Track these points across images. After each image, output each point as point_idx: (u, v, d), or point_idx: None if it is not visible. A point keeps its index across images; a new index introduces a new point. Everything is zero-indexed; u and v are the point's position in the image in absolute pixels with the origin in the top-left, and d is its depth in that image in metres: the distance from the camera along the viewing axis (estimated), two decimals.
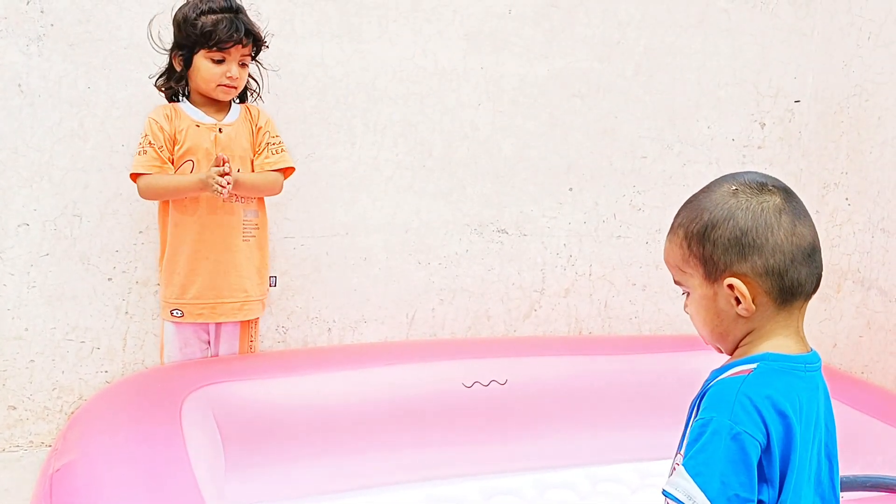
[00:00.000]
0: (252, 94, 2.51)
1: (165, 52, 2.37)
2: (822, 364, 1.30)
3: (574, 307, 3.04)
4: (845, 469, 2.16)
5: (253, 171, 2.44)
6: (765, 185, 1.27)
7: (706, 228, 1.27)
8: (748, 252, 1.23)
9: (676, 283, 1.34)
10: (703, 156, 3.08)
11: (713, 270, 1.26)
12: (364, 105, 2.75)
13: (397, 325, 2.88)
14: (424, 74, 2.79)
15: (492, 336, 2.96)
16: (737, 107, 3.10)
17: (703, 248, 1.27)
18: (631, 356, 2.74)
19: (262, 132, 2.46)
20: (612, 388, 2.66)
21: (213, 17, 2.29)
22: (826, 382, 1.34)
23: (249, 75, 2.45)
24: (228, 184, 2.22)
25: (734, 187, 1.27)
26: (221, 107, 2.43)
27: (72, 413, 2.58)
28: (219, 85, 2.34)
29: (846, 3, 2.98)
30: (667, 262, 1.35)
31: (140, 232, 2.60)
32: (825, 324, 3.03)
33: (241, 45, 2.32)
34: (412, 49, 2.77)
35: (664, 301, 3.09)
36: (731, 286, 1.24)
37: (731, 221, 1.25)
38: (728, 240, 1.25)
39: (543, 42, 2.88)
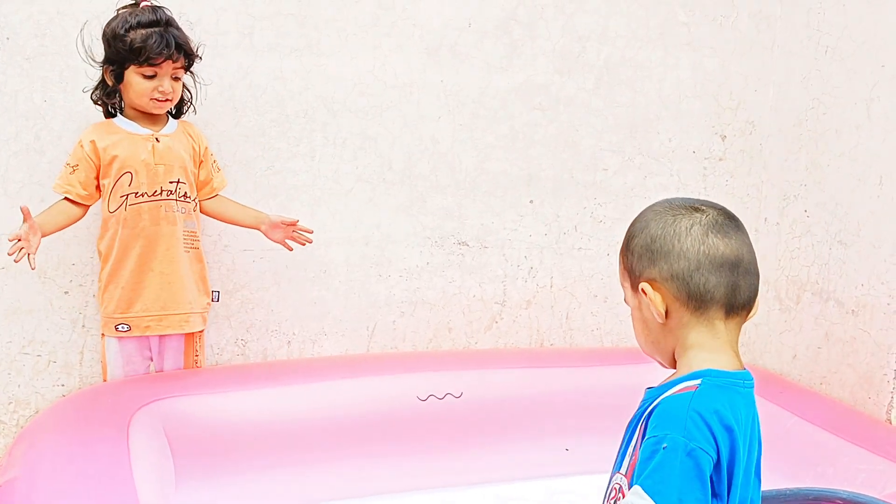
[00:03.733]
0: (186, 107, 2.50)
1: (98, 66, 2.36)
2: (782, 375, 1.34)
3: (535, 319, 3.05)
4: (795, 482, 2.18)
5: (195, 182, 2.46)
6: (689, 206, 1.33)
7: (628, 240, 1.36)
8: (656, 258, 1.30)
9: (626, 302, 1.40)
10: (664, 168, 3.10)
11: (634, 280, 1.33)
12: (324, 118, 2.76)
13: (358, 337, 2.88)
14: (384, 88, 2.80)
15: (453, 348, 2.96)
16: (698, 119, 3.12)
17: (626, 259, 1.36)
18: (590, 368, 2.76)
19: (208, 153, 2.49)
20: (570, 400, 2.67)
21: (143, 31, 2.27)
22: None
23: (184, 86, 2.44)
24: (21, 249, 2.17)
25: (660, 207, 1.35)
26: (157, 119, 2.42)
27: None
28: (151, 99, 2.33)
29: (804, 17, 3.01)
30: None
31: (95, 245, 2.59)
32: (785, 335, 3.05)
33: (172, 61, 2.30)
34: (372, 62, 2.78)
35: (625, 313, 3.06)
36: (643, 291, 1.28)
37: (645, 231, 1.33)
38: (641, 247, 1.32)
39: (504, 55, 2.89)
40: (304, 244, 2.53)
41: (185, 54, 2.34)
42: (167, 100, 2.35)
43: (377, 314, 2.90)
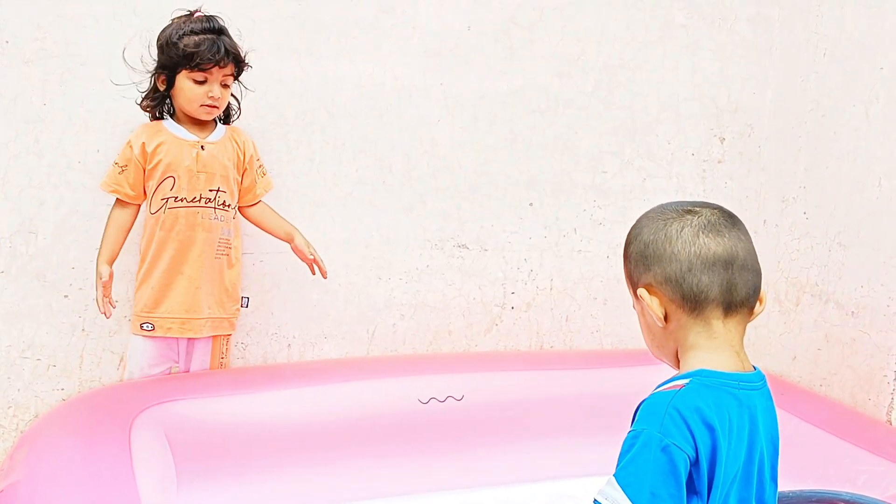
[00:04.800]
0: (234, 114, 2.55)
1: (148, 73, 2.41)
2: (782, 377, 1.34)
3: (535, 321, 3.05)
4: (797, 484, 2.18)
5: (237, 190, 2.49)
6: (682, 209, 1.34)
7: (626, 248, 1.38)
8: (650, 262, 1.32)
9: (633, 307, 1.40)
10: (663, 170, 3.11)
11: (634, 286, 1.34)
12: (323, 121, 2.76)
13: (358, 340, 2.88)
14: (384, 91, 2.80)
15: (453, 351, 2.96)
16: (696, 122, 3.12)
17: (626, 266, 1.37)
18: (590, 370, 2.76)
19: (252, 160, 2.53)
20: (571, 403, 2.67)
21: (196, 38, 2.33)
22: (773, 401, 1.37)
23: (231, 94, 2.49)
24: (109, 301, 2.35)
25: (653, 213, 1.37)
26: (205, 125, 2.46)
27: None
28: (201, 105, 2.38)
29: (803, 20, 3.02)
30: None
31: (97, 249, 2.57)
32: (784, 337, 3.05)
33: (221, 67, 2.35)
34: (371, 65, 2.78)
35: (625, 315, 3.10)
36: (641, 296, 1.32)
37: (639, 238, 1.35)
38: (637, 254, 1.35)
39: (503, 58, 2.90)
40: (323, 276, 2.59)
41: (235, 62, 2.39)
42: (216, 106, 2.39)
43: (377, 317, 2.89)
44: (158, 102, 2.44)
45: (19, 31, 2.46)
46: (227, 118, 2.54)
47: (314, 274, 2.59)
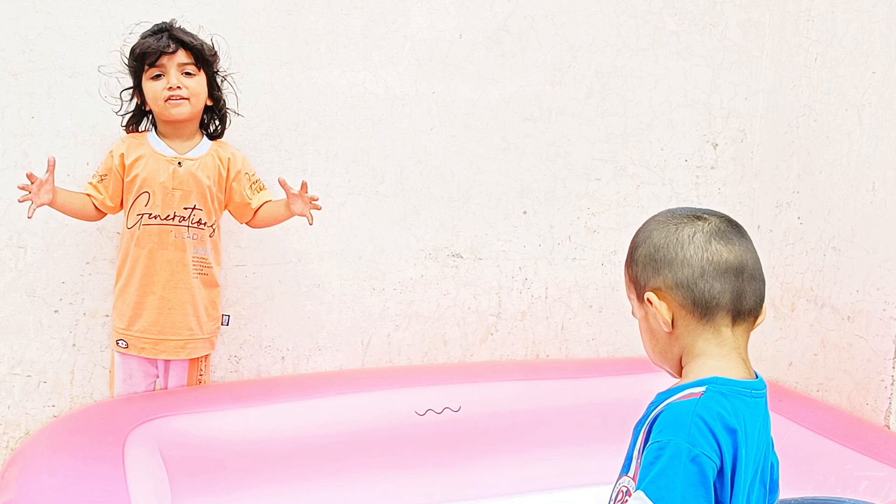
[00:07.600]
0: (220, 122, 2.49)
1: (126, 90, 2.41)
2: (779, 383, 1.33)
3: (531, 330, 3.03)
4: (797, 491, 2.17)
5: (217, 209, 2.44)
6: (691, 215, 1.33)
7: (632, 251, 1.36)
8: (661, 266, 1.30)
9: (633, 314, 1.38)
10: (656, 177, 3.10)
11: (640, 290, 1.33)
12: (315, 132, 2.74)
13: (352, 352, 2.86)
14: (376, 100, 2.79)
15: (448, 361, 2.94)
16: (689, 128, 3.12)
17: (631, 270, 1.36)
18: (586, 379, 2.74)
19: (241, 175, 2.45)
20: (568, 412, 2.65)
21: (146, 39, 2.34)
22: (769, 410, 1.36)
23: (222, 108, 2.45)
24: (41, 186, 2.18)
25: (662, 217, 1.36)
26: (189, 138, 2.41)
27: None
28: (165, 100, 2.32)
29: (794, 25, 3.02)
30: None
31: (87, 263, 2.56)
32: (781, 342, 3.04)
33: (171, 54, 2.30)
34: (363, 75, 2.76)
35: (621, 323, 3.09)
36: (649, 300, 1.29)
37: (649, 241, 1.33)
38: (645, 257, 1.33)
39: (495, 66, 2.89)
40: (318, 209, 2.39)
41: (185, 47, 2.33)
42: (181, 97, 2.32)
43: (372, 328, 2.87)
44: (139, 120, 2.43)
45: (6, 43, 2.44)
46: (212, 134, 2.49)
47: (311, 224, 2.39)
